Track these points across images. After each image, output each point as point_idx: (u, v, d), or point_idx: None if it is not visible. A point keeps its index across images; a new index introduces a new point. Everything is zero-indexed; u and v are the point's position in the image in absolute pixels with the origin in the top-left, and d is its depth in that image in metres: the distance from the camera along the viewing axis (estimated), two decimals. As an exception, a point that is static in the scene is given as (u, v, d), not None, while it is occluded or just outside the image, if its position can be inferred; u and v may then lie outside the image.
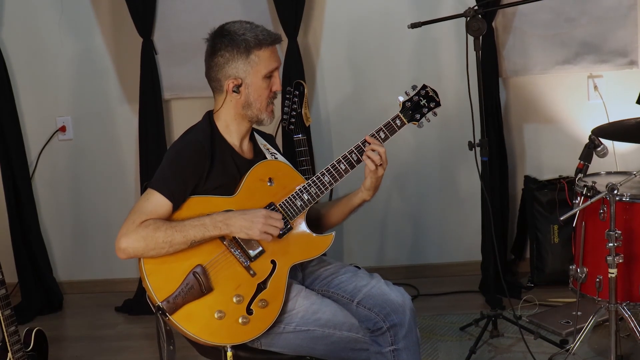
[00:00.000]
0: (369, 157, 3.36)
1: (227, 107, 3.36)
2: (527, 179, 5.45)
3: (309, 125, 5.03)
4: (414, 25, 4.49)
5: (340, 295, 3.35)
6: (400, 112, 3.48)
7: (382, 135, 3.40)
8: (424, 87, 3.55)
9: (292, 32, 5.27)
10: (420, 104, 3.51)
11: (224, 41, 3.30)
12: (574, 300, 4.31)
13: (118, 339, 5.17)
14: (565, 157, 5.25)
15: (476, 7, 4.42)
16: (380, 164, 3.37)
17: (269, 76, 3.34)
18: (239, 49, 3.28)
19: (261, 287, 3.22)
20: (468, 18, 4.39)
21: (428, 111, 3.52)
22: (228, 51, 3.29)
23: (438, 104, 3.55)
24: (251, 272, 3.22)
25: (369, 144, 3.38)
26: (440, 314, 5.10)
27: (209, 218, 3.18)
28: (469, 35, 4.42)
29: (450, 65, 5.39)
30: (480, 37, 4.46)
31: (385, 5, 5.43)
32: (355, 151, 3.39)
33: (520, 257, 5.64)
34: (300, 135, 4.34)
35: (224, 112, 3.37)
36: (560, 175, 5.37)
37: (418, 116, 3.50)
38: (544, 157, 5.56)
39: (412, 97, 3.52)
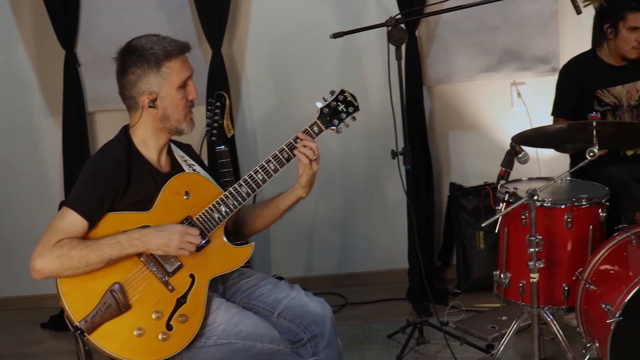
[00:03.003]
0: (301, 153, 3.36)
1: (144, 122, 3.32)
2: (453, 186, 5.49)
3: (233, 137, 5.02)
4: (336, 35, 4.50)
5: (261, 307, 3.35)
6: (318, 118, 3.47)
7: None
8: (342, 92, 3.55)
9: (217, 42, 5.25)
10: (339, 109, 3.50)
11: (133, 58, 3.26)
12: (500, 305, 4.35)
13: (44, 356, 5.10)
14: (490, 164, 5.29)
15: (397, 17, 4.44)
16: (314, 159, 3.37)
17: (183, 86, 3.31)
18: (149, 63, 3.24)
19: (180, 302, 3.20)
20: (389, 27, 4.41)
21: (347, 116, 3.52)
22: (138, 67, 3.25)
23: (357, 109, 3.55)
24: (170, 287, 3.20)
25: (301, 140, 3.37)
26: (368, 322, 5.11)
27: (124, 236, 3.14)
28: (390, 44, 4.44)
29: (375, 74, 5.41)
30: (403, 46, 4.48)
31: (309, 15, 5.43)
32: (286, 149, 3.38)
33: (447, 263, 5.68)
34: (222, 147, 4.32)
35: (141, 127, 3.34)
36: (485, 182, 5.42)
37: (336, 122, 3.50)
38: (469, 164, 5.61)
39: (329, 103, 3.51)
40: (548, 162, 5.42)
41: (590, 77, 4.73)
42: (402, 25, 4.48)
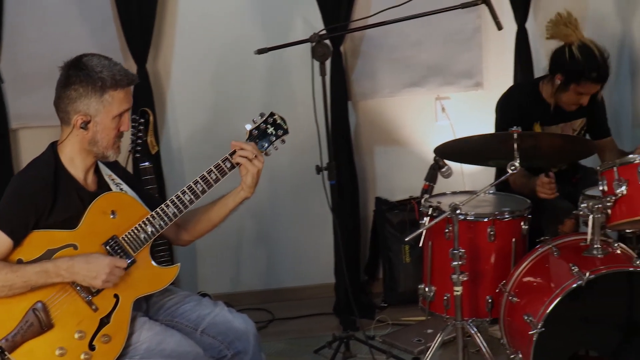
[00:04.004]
0: (241, 157, 3.36)
1: (72, 140, 3.29)
2: (379, 201, 5.53)
3: (157, 153, 4.99)
4: (260, 51, 4.50)
5: (184, 324, 3.35)
6: (247, 140, 3.47)
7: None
8: (272, 114, 3.56)
9: (141, 58, 5.22)
10: (268, 132, 3.51)
11: (80, 75, 3.21)
12: (425, 318, 4.39)
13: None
14: (415, 178, 5.29)
15: (321, 33, 4.46)
16: (255, 156, 3.36)
17: (119, 115, 3.28)
18: (94, 86, 3.20)
19: (104, 321, 3.18)
20: (313, 43, 4.43)
21: (276, 139, 3.53)
22: (82, 86, 3.21)
23: (286, 132, 3.56)
24: (93, 307, 3.17)
25: (235, 150, 3.38)
26: (294, 338, 5.11)
27: (52, 264, 3.11)
28: (315, 60, 4.46)
29: (301, 89, 5.39)
30: (328, 62, 4.51)
31: (236, 31, 5.42)
32: (221, 162, 3.38)
33: (374, 277, 5.71)
34: (146, 164, 4.30)
35: (69, 145, 3.30)
36: (410, 196, 5.46)
37: (265, 144, 3.50)
38: (395, 179, 5.65)
39: (259, 125, 3.52)
40: (472, 175, 5.48)
41: (528, 114, 4.71)
42: (327, 41, 4.51)
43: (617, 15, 5.72)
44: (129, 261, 3.23)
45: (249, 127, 3.50)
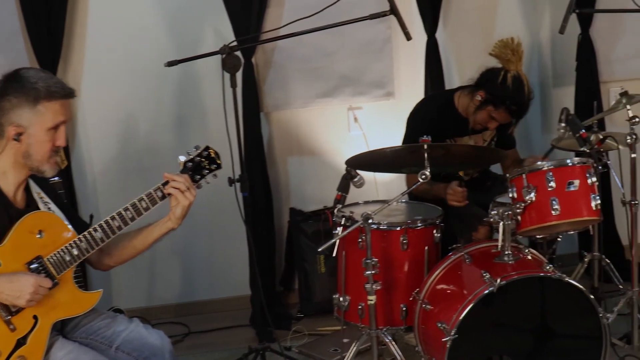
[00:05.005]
0: (174, 188, 3.33)
1: (7, 153, 3.22)
2: (293, 211, 5.53)
3: (67, 168, 4.93)
4: (170, 64, 4.47)
5: (99, 341, 3.31)
6: (181, 172, 3.45)
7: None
8: (207, 148, 3.55)
9: (50, 69, 5.13)
10: (201, 165, 3.50)
11: (15, 86, 3.16)
12: (343, 328, 4.40)
13: None
14: (329, 188, 5.31)
15: (231, 44, 4.45)
16: (187, 189, 3.33)
17: (54, 128, 3.21)
18: (27, 96, 3.14)
19: (20, 342, 3.13)
20: (224, 55, 4.42)
21: (208, 173, 3.52)
22: (16, 97, 3.15)
23: (219, 167, 3.55)
24: (11, 326, 3.12)
25: (167, 180, 3.35)
26: (211, 351, 5.09)
27: None
28: (225, 72, 4.45)
29: (213, 101, 5.38)
30: (239, 73, 4.51)
31: (147, 43, 5.38)
32: (153, 192, 3.34)
33: (290, 288, 5.71)
34: (56, 179, 4.23)
35: (3, 158, 3.23)
36: (325, 206, 5.48)
37: (198, 177, 3.49)
38: (309, 189, 5.66)
39: (193, 158, 3.50)
40: (386, 184, 5.52)
41: (441, 125, 4.76)
42: (238, 53, 4.51)
43: (525, 26, 5.82)
44: (52, 283, 3.17)
45: (182, 158, 3.48)
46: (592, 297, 3.88)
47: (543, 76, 5.85)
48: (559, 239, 4.47)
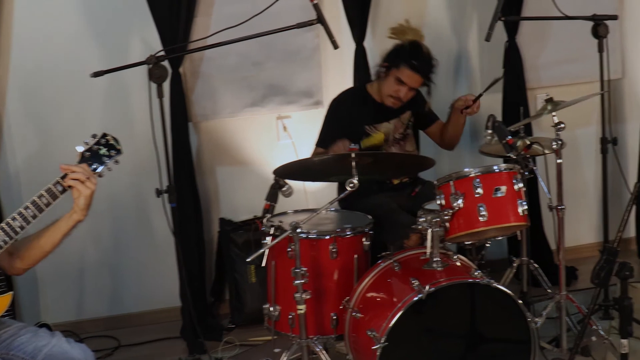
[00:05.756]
0: (73, 179, 3.27)
1: None
2: (223, 221, 5.50)
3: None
4: (96, 74, 4.43)
5: (20, 356, 3.25)
6: (79, 162, 3.40)
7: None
8: (104, 135, 3.50)
9: (-26, 81, 5.08)
10: (100, 153, 3.45)
11: None
12: (274, 338, 4.38)
13: None
14: (259, 198, 5.26)
15: (158, 55, 4.42)
16: (87, 178, 3.28)
17: None
18: None
19: None
20: (150, 65, 4.38)
21: (109, 160, 3.47)
22: None
23: (119, 152, 3.50)
24: None
25: (66, 173, 3.30)
26: (142, 364, 5.04)
27: None
28: (152, 82, 4.41)
29: (141, 111, 5.29)
30: (167, 83, 4.49)
31: (73, 53, 5.31)
32: (52, 186, 3.29)
33: (220, 298, 5.66)
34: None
35: None
36: (255, 216, 5.46)
37: (98, 165, 3.44)
38: (239, 199, 5.63)
39: (91, 147, 3.45)
40: (315, 193, 5.52)
41: (359, 113, 4.85)
42: (165, 63, 4.48)
43: (453, 33, 5.87)
44: None
45: (80, 149, 3.43)
46: (520, 301, 3.93)
47: (471, 83, 5.89)
48: (487, 245, 4.50)
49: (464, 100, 4.89)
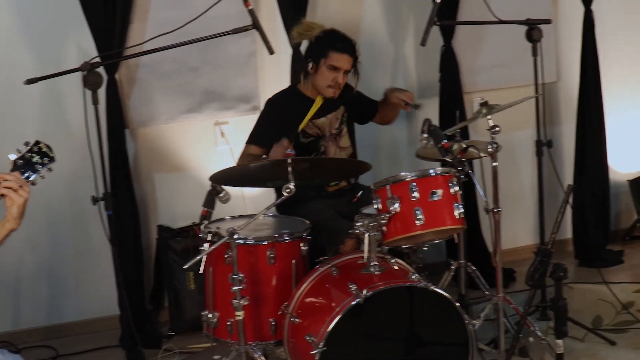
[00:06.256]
0: (5, 187, 3.22)
1: None
2: (161, 228, 5.46)
3: None
4: (30, 81, 4.39)
5: (-50, 369, 3.20)
6: (12, 170, 3.35)
7: None
8: (37, 142, 3.44)
9: None
10: (33, 160, 3.39)
11: None
12: (213, 345, 4.37)
13: None
14: (197, 204, 5.21)
15: (93, 61, 4.39)
16: (20, 186, 3.23)
17: None
18: None
19: None
20: (84, 72, 4.35)
21: (42, 167, 3.41)
22: None
23: (52, 160, 3.44)
24: None
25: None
26: (80, 374, 4.99)
27: None
28: (87, 89, 4.38)
29: (76, 119, 5.21)
30: (103, 90, 4.47)
31: (6, 59, 5.24)
32: None
33: (160, 306, 5.62)
34: None
35: None
36: (193, 222, 5.42)
37: (30, 173, 3.39)
38: (177, 206, 5.60)
39: (24, 155, 3.39)
40: (254, 199, 5.51)
41: (294, 112, 4.85)
42: (101, 69, 4.45)
43: (390, 38, 5.90)
44: None
45: (12, 156, 3.36)
46: (457, 304, 3.96)
47: (408, 87, 5.91)
48: (425, 248, 4.52)
49: (407, 97, 4.95)
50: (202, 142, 5.61)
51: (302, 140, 4.87)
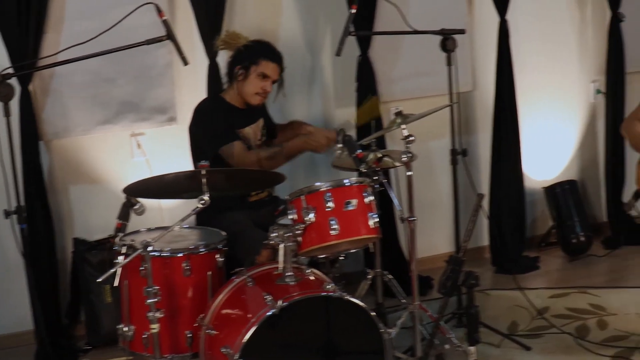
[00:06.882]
0: None
1: None
2: (77, 241, 5.39)
3: None
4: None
5: None
6: None
7: None
8: None
9: None
10: None
11: None
12: (129, 358, 4.34)
13: None
14: (113, 217, 5.19)
15: (4, 72, 4.34)
16: None
17: None
18: None
19: None
20: (-4, 84, 4.30)
21: None
22: None
23: None
24: None
25: None
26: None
27: None
28: (-3, 101, 4.33)
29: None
30: (15, 102, 4.40)
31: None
32: None
33: (76, 320, 5.54)
34: None
35: None
36: (109, 235, 5.31)
37: None
38: (93, 218, 5.53)
39: None
40: (172, 210, 5.47)
41: (223, 120, 4.84)
42: (13, 80, 4.39)
43: (307, 48, 5.92)
44: None
45: None
46: (373, 313, 3.98)
47: (325, 97, 5.95)
48: (341, 258, 4.54)
49: (329, 141, 4.83)
50: (119, 154, 5.56)
51: None
